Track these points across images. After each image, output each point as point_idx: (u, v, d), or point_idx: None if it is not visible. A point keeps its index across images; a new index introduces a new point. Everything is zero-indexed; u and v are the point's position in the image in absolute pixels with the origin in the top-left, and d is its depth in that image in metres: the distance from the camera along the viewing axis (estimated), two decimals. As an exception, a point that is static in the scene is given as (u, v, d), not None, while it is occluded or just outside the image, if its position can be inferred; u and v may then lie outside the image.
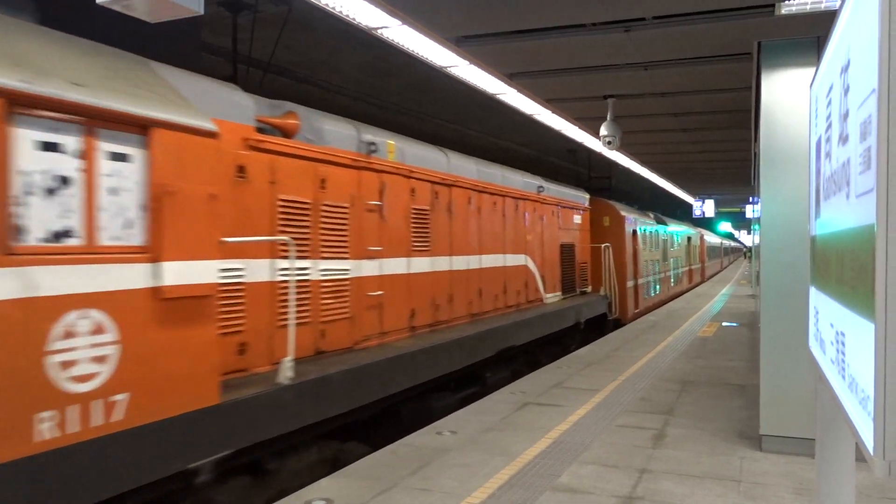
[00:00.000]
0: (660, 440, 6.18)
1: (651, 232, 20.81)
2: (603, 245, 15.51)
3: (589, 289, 15.24)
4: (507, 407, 7.44)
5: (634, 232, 18.13)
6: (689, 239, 31.05)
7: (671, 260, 25.02)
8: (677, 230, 27.56)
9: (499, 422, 6.83)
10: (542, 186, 12.47)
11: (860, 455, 2.10)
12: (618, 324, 15.81)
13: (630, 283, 17.33)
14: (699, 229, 37.05)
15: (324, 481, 5.16)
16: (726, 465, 5.49)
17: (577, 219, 14.70)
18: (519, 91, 9.34)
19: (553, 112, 10.99)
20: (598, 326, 14.75)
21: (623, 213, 17.19)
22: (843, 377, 2.19)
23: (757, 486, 5.01)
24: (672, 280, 25.12)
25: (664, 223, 23.88)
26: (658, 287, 21.76)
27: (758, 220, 10.03)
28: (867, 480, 4.83)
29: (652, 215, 22.35)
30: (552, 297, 12.81)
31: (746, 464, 5.50)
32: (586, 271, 15.13)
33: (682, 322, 15.72)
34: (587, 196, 15.77)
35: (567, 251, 13.77)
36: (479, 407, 7.49)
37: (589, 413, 7.16)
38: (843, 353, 2.19)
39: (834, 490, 3.14)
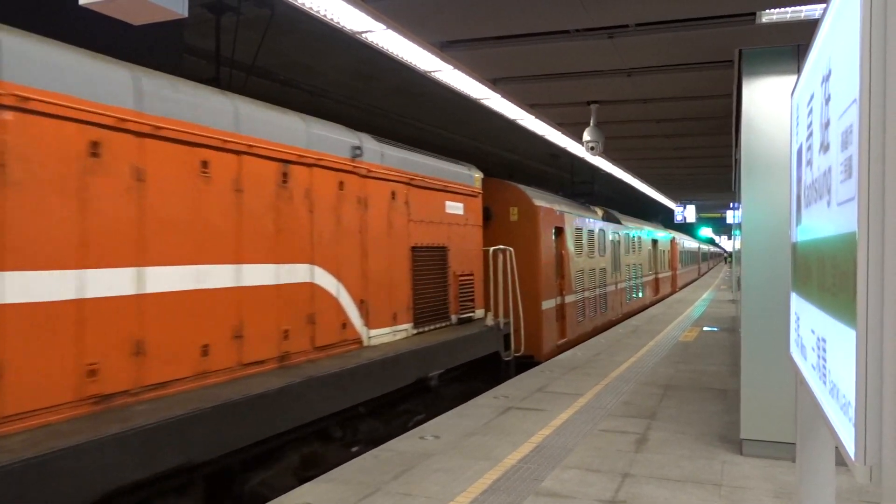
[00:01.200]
0: (642, 444, 6.21)
1: (593, 231, 16.35)
2: (493, 248, 10.62)
3: (479, 314, 10.45)
4: (490, 411, 7.44)
5: (560, 230, 13.52)
6: (654, 242, 26.05)
7: (626, 268, 20.26)
8: (637, 231, 22.57)
9: (482, 426, 6.83)
10: (359, 148, 7.53)
11: (840, 459, 2.13)
12: (525, 363, 10.89)
13: (550, 303, 12.68)
14: (672, 232, 33.34)
15: (306, 486, 5.12)
16: (708, 468, 5.53)
17: (456, 208, 9.99)
18: (503, 96, 9.38)
19: (536, 117, 11.05)
20: (491, 372, 10.11)
21: (539, 202, 12.34)
22: (825, 383, 2.21)
23: (738, 489, 5.05)
24: (627, 294, 20.44)
25: (616, 221, 19.48)
26: (604, 304, 17.24)
27: (738, 225, 10.05)
28: (846, 484, 4.88)
29: (600, 211, 17.98)
30: (388, 335, 8.04)
31: (727, 468, 5.55)
32: (472, 288, 10.31)
33: (663, 327, 15.82)
34: (478, 175, 10.79)
35: (430, 258, 9.15)
36: (463, 411, 7.48)
37: (572, 417, 7.18)
38: (825, 359, 2.22)
39: (814, 494, 3.18)
